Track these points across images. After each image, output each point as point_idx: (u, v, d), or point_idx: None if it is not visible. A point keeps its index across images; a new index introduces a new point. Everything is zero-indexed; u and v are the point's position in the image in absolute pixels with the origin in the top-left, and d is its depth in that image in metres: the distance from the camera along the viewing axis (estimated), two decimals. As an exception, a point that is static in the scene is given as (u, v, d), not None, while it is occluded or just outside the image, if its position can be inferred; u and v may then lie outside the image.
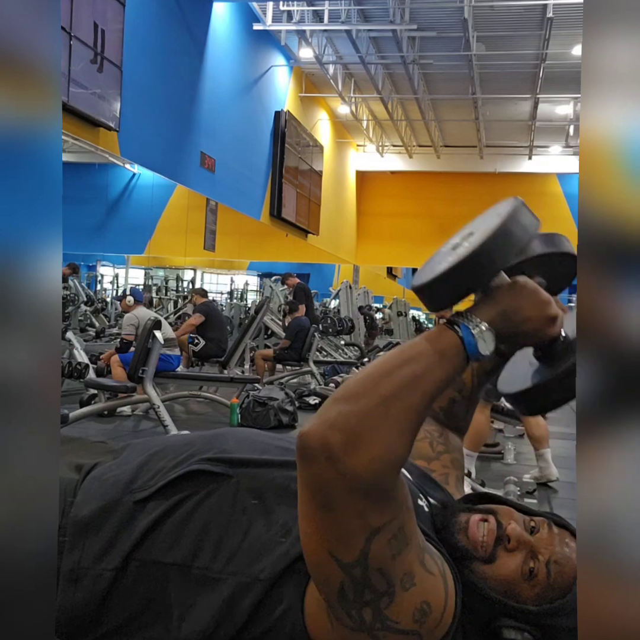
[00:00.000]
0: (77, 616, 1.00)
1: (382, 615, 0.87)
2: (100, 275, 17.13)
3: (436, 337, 0.87)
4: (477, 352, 0.87)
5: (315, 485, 0.84)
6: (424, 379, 0.84)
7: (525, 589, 0.98)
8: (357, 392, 0.83)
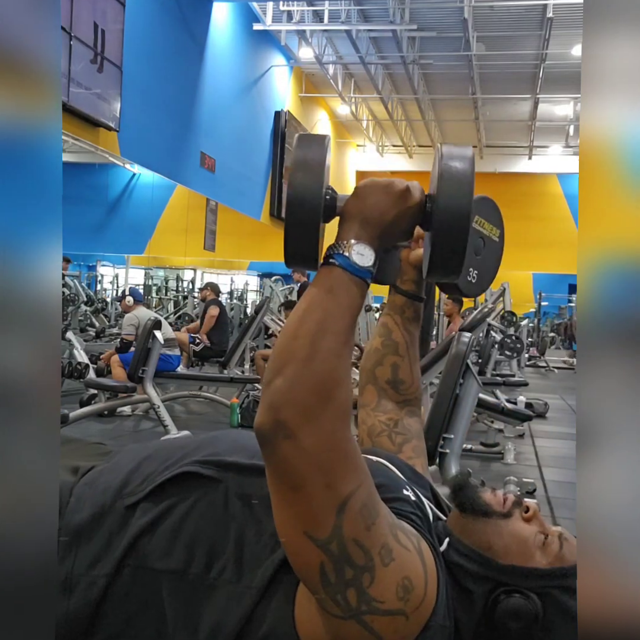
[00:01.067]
0: (71, 624, 0.99)
1: (366, 596, 0.86)
2: (100, 275, 17.13)
3: (320, 279, 0.89)
4: (360, 268, 0.88)
5: (281, 468, 0.85)
6: (328, 322, 0.85)
7: (536, 556, 0.99)
8: (280, 365, 0.84)
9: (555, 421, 6.69)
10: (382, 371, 1.32)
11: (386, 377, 1.31)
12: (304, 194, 0.88)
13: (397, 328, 1.30)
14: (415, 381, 1.33)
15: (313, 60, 12.39)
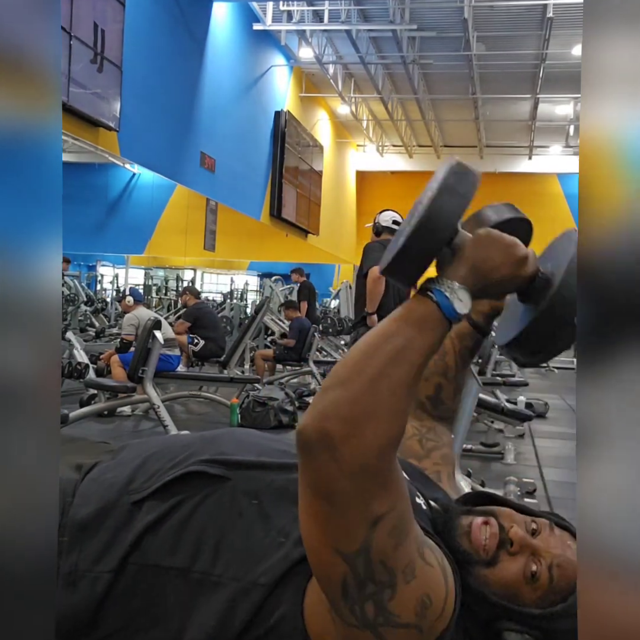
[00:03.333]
0: (75, 619, 1.00)
1: (384, 610, 0.87)
2: (100, 275, 17.13)
3: (412, 308, 0.88)
4: (455, 313, 0.87)
5: (318, 479, 0.84)
6: (407, 352, 0.84)
7: (527, 592, 0.97)
8: (345, 377, 0.83)
9: (555, 421, 6.69)
10: (425, 386, 1.30)
11: (428, 393, 1.30)
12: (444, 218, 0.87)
13: (452, 352, 1.27)
14: (455, 407, 1.33)
15: (313, 60, 12.39)
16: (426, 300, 0.87)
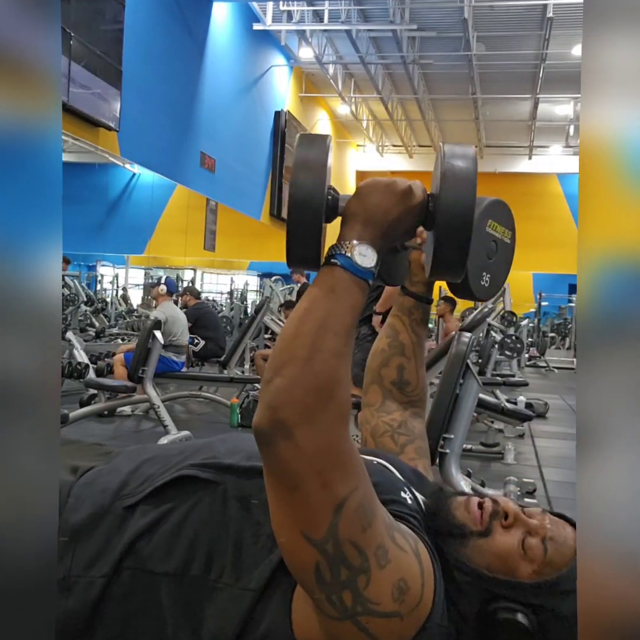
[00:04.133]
0: (69, 625, 0.99)
1: (361, 597, 0.86)
2: (100, 275, 17.12)
3: (322, 279, 0.88)
4: (361, 269, 0.88)
5: (279, 467, 0.84)
6: (329, 321, 0.85)
7: (522, 566, 0.97)
8: (280, 365, 0.84)
9: (555, 421, 6.69)
10: (387, 372, 1.31)
11: (391, 378, 1.31)
12: (306, 194, 0.89)
13: (404, 329, 1.30)
14: (420, 383, 1.33)
15: (313, 60, 12.39)
16: (332, 267, 0.88)
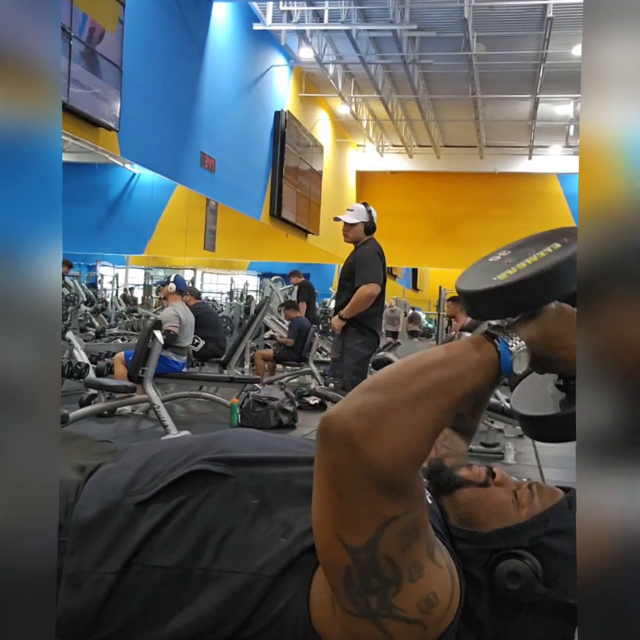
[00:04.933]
0: (77, 619, 1.00)
1: (387, 603, 0.88)
2: (100, 275, 17.12)
3: (474, 346, 0.88)
4: (510, 370, 0.88)
5: (332, 469, 0.84)
6: (455, 384, 0.85)
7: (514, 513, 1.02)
8: (387, 384, 0.84)
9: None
10: None
11: None
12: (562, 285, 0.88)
13: None
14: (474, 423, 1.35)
15: (313, 60, 12.39)
16: (490, 345, 0.88)
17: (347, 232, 4.55)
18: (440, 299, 16.01)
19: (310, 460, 1.00)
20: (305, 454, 1.08)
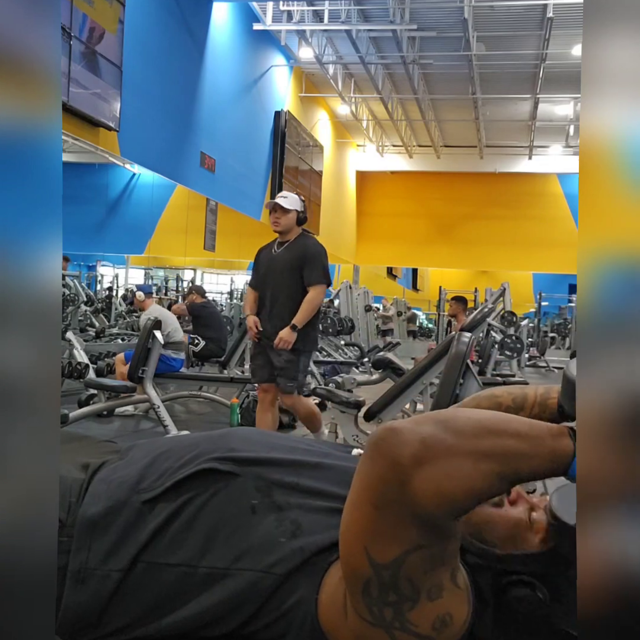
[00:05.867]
0: (83, 616, 1.01)
1: (402, 617, 0.88)
2: (100, 275, 17.12)
3: (556, 435, 0.88)
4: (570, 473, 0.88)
5: (374, 480, 0.85)
6: (524, 460, 0.86)
7: (529, 538, 1.01)
8: (463, 429, 0.85)
9: (555, 421, 6.67)
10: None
11: None
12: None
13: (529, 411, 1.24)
14: None
15: (313, 60, 12.39)
16: (570, 442, 0.88)
17: (279, 220, 4.08)
18: (440, 299, 16.01)
19: (316, 465, 1.00)
20: (310, 456, 1.09)
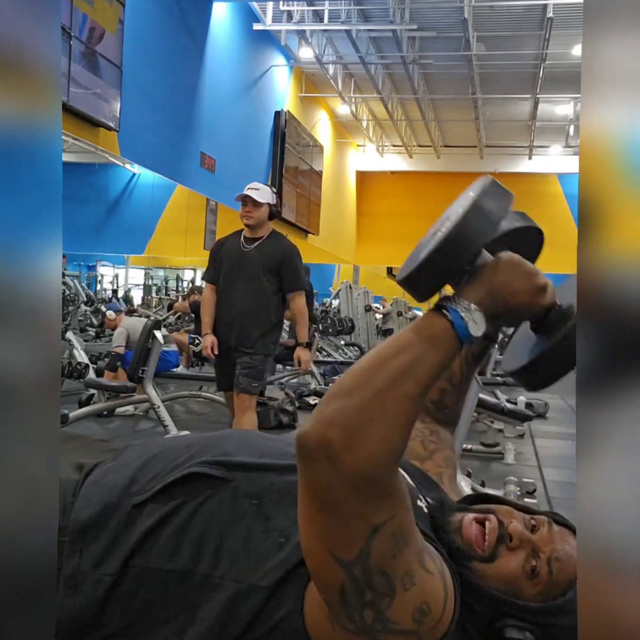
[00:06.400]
0: (76, 621, 1.00)
1: (382, 616, 0.87)
2: (100, 275, 17.12)
3: (425, 324, 0.86)
4: (468, 335, 0.86)
5: (316, 485, 0.83)
6: (416, 368, 0.83)
7: (527, 587, 0.97)
8: (351, 387, 0.83)
9: (555, 421, 6.69)
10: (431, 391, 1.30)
11: (433, 397, 1.29)
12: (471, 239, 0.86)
13: (459, 358, 1.25)
14: (458, 409, 1.33)
15: (313, 60, 12.39)
16: (441, 317, 0.86)
17: (251, 214, 3.81)
18: (440, 299, 15.97)
19: None
20: None
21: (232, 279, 3.87)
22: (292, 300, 3.89)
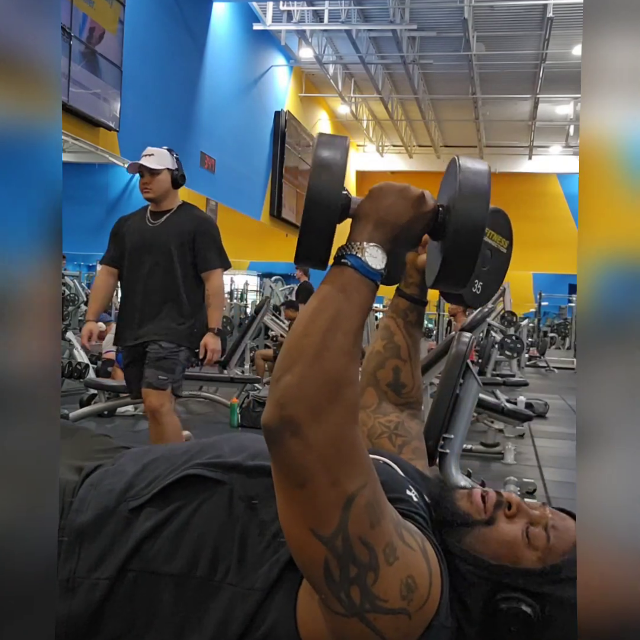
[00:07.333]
0: (73, 625, 1.00)
1: (369, 594, 0.87)
2: (100, 275, 17.13)
3: (332, 279, 0.89)
4: (371, 269, 0.89)
5: (287, 464, 0.85)
6: (339, 320, 0.86)
7: (526, 553, 0.99)
8: (289, 362, 0.85)
9: (555, 421, 6.69)
10: (383, 374, 1.32)
11: (387, 380, 1.31)
12: (324, 194, 0.91)
13: (399, 331, 1.30)
14: (416, 385, 1.34)
15: (313, 60, 12.40)
16: (342, 267, 0.89)
17: (149, 185, 3.21)
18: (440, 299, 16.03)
19: None
20: None
21: (138, 259, 3.28)
22: (207, 280, 3.28)
